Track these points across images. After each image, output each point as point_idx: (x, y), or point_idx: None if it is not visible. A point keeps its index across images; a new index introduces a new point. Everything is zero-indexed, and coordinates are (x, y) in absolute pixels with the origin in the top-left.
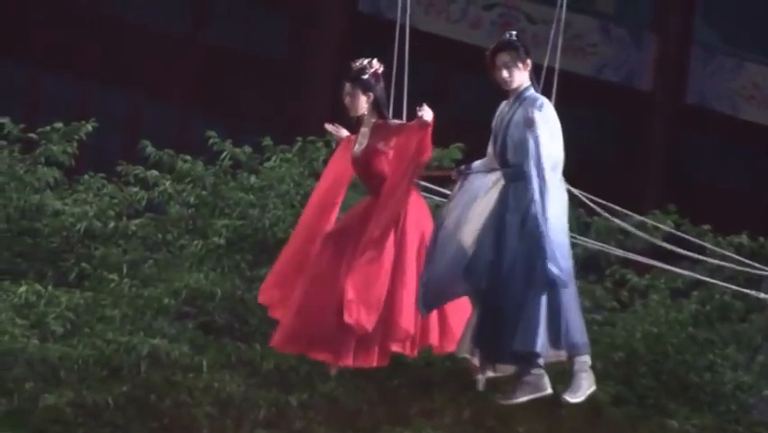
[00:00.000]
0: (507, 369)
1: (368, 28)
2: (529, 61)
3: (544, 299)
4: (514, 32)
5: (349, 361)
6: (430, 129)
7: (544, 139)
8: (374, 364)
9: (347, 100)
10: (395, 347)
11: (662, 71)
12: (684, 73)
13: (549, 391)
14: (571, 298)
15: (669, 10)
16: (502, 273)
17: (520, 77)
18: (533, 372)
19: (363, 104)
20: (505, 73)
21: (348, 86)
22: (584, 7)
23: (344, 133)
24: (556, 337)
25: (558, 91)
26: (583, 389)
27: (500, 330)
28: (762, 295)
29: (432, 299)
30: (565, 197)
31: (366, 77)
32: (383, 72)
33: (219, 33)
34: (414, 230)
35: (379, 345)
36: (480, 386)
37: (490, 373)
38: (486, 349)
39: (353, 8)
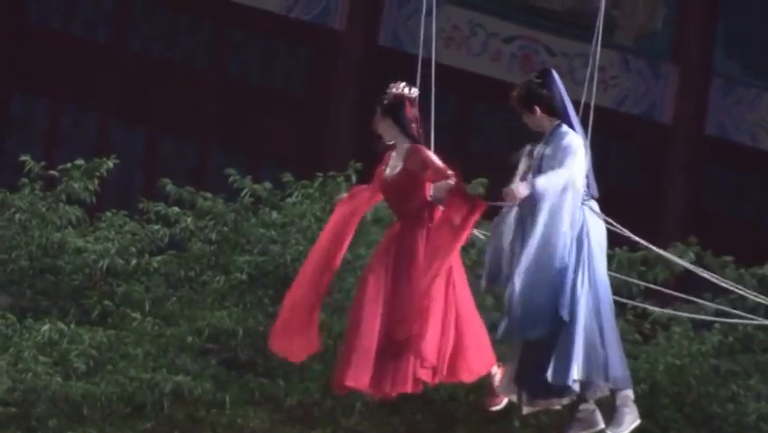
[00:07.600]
0: (547, 403)
1: (388, 62)
2: (537, 107)
3: (579, 332)
4: (534, 75)
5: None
6: (480, 212)
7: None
8: (409, 390)
9: (378, 126)
10: (421, 374)
11: (682, 103)
12: (704, 104)
13: (602, 426)
14: (609, 330)
15: (688, 42)
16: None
17: (535, 121)
18: (583, 407)
19: (394, 130)
20: (524, 119)
21: (379, 111)
22: (604, 40)
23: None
24: (597, 371)
25: (581, 123)
26: (626, 423)
27: (539, 364)
28: None
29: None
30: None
31: (398, 102)
32: (416, 98)
33: (239, 69)
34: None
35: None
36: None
37: (532, 409)
38: (526, 386)
39: (373, 42)
